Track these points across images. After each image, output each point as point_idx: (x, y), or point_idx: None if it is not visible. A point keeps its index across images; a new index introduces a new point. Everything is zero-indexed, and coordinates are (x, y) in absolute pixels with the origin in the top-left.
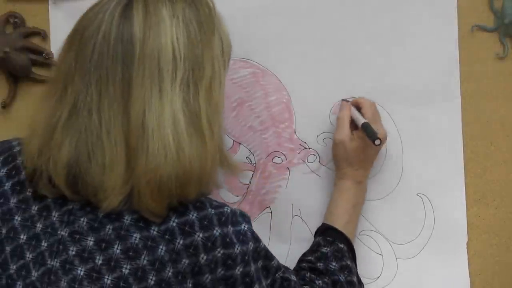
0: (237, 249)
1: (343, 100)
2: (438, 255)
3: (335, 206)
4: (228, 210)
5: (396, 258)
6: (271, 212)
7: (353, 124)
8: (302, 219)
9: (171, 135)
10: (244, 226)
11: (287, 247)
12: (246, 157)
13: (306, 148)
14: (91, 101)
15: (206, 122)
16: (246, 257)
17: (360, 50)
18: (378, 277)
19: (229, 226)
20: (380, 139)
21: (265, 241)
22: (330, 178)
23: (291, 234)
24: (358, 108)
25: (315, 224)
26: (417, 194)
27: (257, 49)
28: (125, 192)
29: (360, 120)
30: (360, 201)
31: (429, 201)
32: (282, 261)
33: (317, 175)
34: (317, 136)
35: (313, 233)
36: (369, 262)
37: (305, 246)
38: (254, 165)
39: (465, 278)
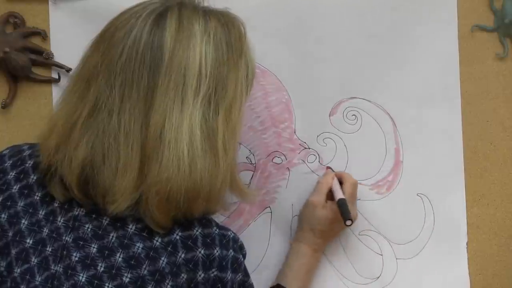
0: (228, 275)
1: (328, 167)
2: (438, 255)
3: (289, 269)
4: (231, 235)
5: (396, 258)
6: (271, 212)
7: (330, 194)
8: None
9: (186, 148)
10: (241, 257)
11: (287, 247)
12: (246, 157)
13: (306, 148)
14: (113, 103)
15: (221, 142)
16: (234, 286)
17: (360, 50)
18: (378, 277)
19: (230, 251)
20: (352, 221)
21: (265, 241)
22: None
23: (291, 234)
24: (340, 182)
25: None
26: (417, 194)
27: (257, 49)
28: (133, 198)
29: (339, 194)
30: (314, 267)
31: (429, 201)
32: (281, 262)
33: (317, 175)
34: (317, 136)
35: None
36: (369, 262)
37: None
38: (254, 165)
39: (465, 278)
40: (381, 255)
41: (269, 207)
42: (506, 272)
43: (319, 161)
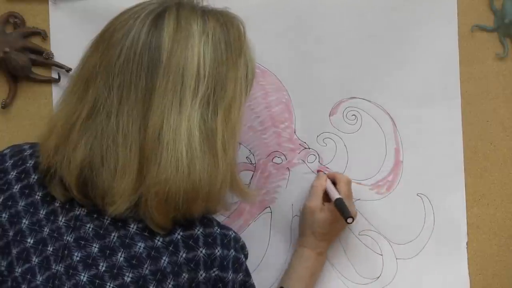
0: (230, 275)
1: (319, 170)
2: (438, 255)
3: (293, 272)
4: (233, 235)
5: (396, 258)
6: (271, 212)
7: (326, 196)
8: None
9: (185, 150)
10: (243, 257)
11: (287, 247)
12: (246, 157)
13: (306, 148)
14: (111, 104)
15: (220, 143)
16: (235, 286)
17: (360, 50)
18: (378, 277)
19: (232, 250)
20: (352, 218)
21: (265, 241)
22: None
23: (291, 234)
24: (334, 183)
25: None
26: (417, 194)
27: (257, 49)
28: (133, 200)
29: (335, 195)
30: (318, 271)
31: (429, 201)
32: (281, 262)
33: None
34: (317, 136)
35: None
36: (369, 262)
37: None
38: (254, 165)
39: (465, 278)
40: (381, 255)
41: (269, 207)
42: (506, 272)
43: (319, 161)
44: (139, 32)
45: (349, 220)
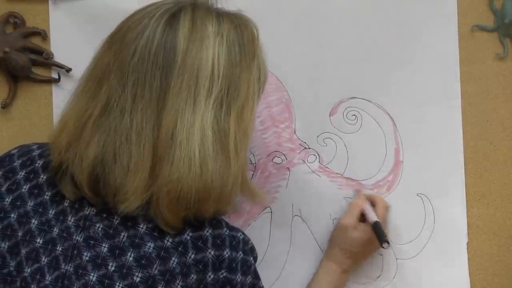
0: (238, 277)
1: (359, 190)
2: (438, 255)
3: (316, 284)
4: (241, 237)
5: (396, 258)
6: (271, 212)
7: (361, 216)
8: (302, 219)
9: (198, 149)
10: (252, 260)
11: (287, 247)
12: None
13: (306, 148)
14: (125, 102)
15: (233, 143)
16: None
17: (360, 50)
18: (378, 277)
19: (240, 252)
20: (388, 243)
21: (265, 241)
22: (330, 178)
23: (291, 234)
24: (372, 204)
25: (315, 224)
26: (417, 194)
27: None
28: (144, 198)
29: (373, 217)
30: (341, 286)
31: (429, 201)
32: (281, 261)
33: (317, 175)
34: (317, 136)
35: (313, 233)
36: (369, 262)
37: (305, 247)
38: (254, 165)
39: (465, 278)
40: (381, 255)
41: (269, 207)
42: (506, 272)
43: (319, 161)
44: (154, 32)
45: (385, 245)
